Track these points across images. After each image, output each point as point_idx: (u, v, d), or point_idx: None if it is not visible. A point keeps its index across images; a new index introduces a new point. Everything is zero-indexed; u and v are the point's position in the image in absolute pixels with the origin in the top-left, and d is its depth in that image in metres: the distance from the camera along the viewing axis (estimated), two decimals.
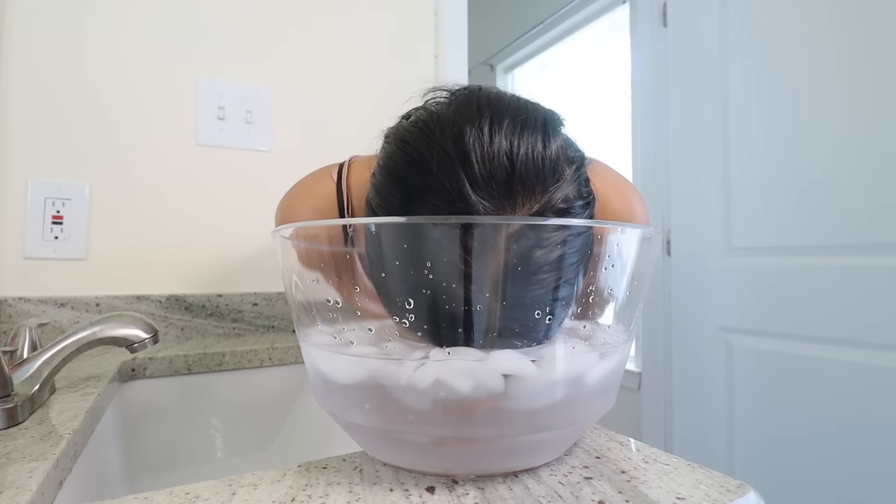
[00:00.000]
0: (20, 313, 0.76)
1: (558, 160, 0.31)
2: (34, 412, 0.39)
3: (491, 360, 0.26)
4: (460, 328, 0.27)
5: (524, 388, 0.26)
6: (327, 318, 0.29)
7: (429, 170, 0.29)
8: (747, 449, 1.21)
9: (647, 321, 1.50)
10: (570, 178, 0.31)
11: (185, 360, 0.67)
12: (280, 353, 0.73)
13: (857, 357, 1.01)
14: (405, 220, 0.26)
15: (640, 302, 0.31)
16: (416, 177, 0.30)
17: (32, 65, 0.80)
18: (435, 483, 0.28)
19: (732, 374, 1.24)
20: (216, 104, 0.91)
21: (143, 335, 0.46)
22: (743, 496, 0.26)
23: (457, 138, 0.29)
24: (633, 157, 1.73)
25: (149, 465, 0.62)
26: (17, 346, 0.50)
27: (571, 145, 0.35)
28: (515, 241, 0.26)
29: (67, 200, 0.81)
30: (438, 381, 0.26)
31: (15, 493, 0.25)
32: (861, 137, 1.02)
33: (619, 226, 0.28)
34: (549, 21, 2.14)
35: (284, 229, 0.30)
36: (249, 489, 0.27)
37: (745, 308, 1.22)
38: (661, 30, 1.47)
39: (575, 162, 0.33)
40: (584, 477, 0.29)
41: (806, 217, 1.10)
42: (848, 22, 1.04)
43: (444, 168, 0.29)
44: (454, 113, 0.31)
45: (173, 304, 0.85)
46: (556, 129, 0.33)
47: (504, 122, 0.30)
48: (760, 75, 1.20)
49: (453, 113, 0.31)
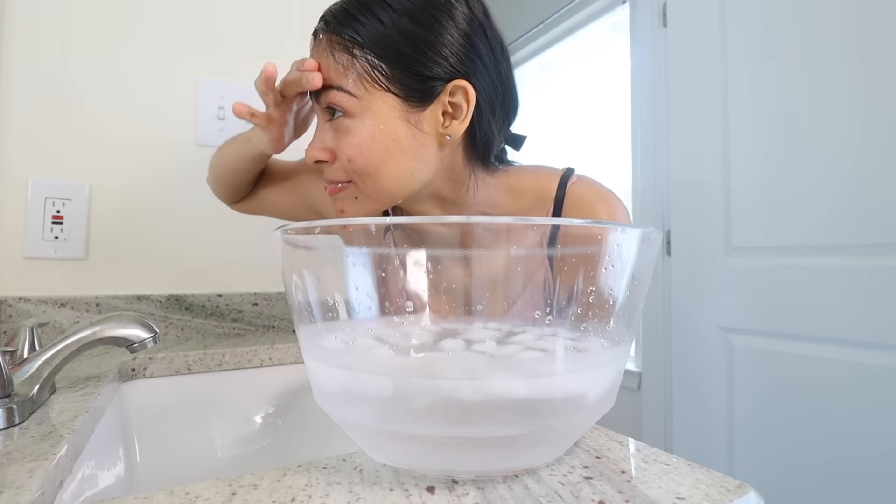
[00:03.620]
0: (20, 313, 0.76)
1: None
2: (34, 412, 0.39)
3: (495, 362, 0.26)
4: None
5: (525, 390, 0.27)
6: (327, 318, 0.29)
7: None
8: (747, 449, 1.21)
9: (647, 321, 1.50)
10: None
11: (185, 360, 0.67)
12: (280, 353, 0.73)
13: (857, 357, 1.01)
14: (405, 220, 0.26)
15: (640, 302, 0.31)
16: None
17: (33, 64, 0.80)
18: (435, 483, 0.28)
19: (732, 374, 1.24)
20: (216, 104, 0.91)
21: (143, 335, 0.46)
22: (743, 496, 0.26)
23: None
24: (633, 157, 1.72)
25: (149, 464, 0.62)
26: (17, 346, 0.51)
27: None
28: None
29: (67, 200, 0.81)
30: (438, 382, 0.26)
31: (15, 493, 0.25)
32: (861, 137, 1.02)
33: (619, 226, 0.28)
34: (549, 21, 2.14)
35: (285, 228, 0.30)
36: (249, 489, 0.27)
37: (745, 308, 1.22)
38: (661, 30, 1.47)
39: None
40: (584, 477, 0.29)
41: (806, 217, 1.10)
42: (848, 21, 1.04)
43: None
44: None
45: (173, 304, 0.85)
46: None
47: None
48: (760, 75, 1.20)
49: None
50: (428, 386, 0.26)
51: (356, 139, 0.47)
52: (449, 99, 0.47)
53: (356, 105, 0.46)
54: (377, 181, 0.48)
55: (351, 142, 0.47)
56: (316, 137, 0.50)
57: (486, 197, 0.54)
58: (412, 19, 0.45)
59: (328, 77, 0.47)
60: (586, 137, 2.10)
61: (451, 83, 0.46)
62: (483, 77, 0.48)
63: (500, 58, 0.50)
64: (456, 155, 0.51)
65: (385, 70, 0.45)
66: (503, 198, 0.55)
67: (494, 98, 0.50)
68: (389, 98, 0.46)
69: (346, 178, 0.50)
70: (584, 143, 2.10)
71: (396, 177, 0.48)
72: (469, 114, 0.48)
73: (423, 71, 0.46)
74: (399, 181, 0.49)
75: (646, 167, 1.53)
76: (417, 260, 0.26)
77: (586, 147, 2.09)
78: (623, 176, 1.76)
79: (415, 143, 0.47)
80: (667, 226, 1.43)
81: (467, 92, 0.47)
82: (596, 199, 0.54)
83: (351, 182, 0.50)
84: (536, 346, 0.29)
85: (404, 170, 0.48)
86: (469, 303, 0.26)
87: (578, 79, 2.14)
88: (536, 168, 0.58)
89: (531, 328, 0.30)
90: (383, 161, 0.47)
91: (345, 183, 0.50)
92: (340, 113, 0.48)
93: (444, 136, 0.48)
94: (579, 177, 0.55)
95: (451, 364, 0.28)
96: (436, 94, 0.47)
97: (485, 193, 0.54)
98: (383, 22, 0.45)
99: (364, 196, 0.50)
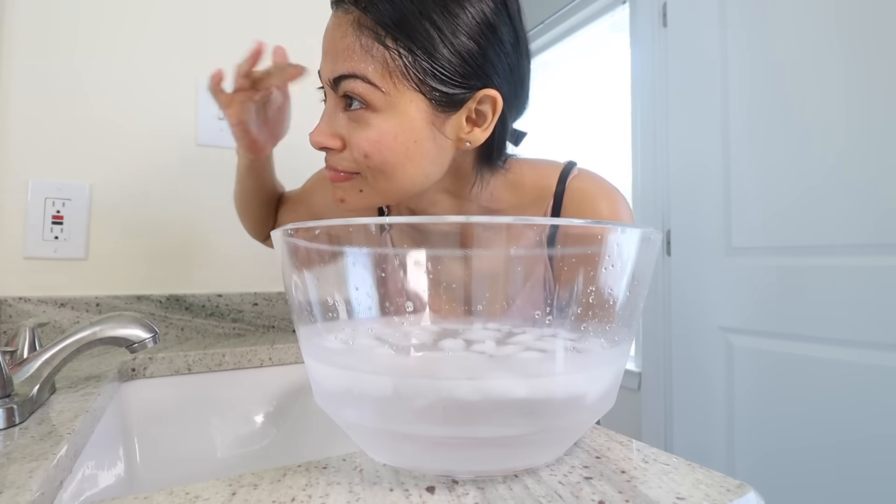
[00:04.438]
0: (20, 313, 0.76)
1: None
2: (34, 412, 0.39)
3: (494, 362, 0.26)
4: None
5: (525, 390, 0.27)
6: (327, 318, 0.29)
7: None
8: (747, 449, 1.21)
9: (647, 321, 1.50)
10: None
11: (185, 360, 0.67)
12: (280, 353, 0.73)
13: (857, 357, 1.01)
14: (405, 220, 0.26)
15: (640, 302, 0.31)
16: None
17: (32, 64, 0.80)
18: (435, 483, 0.28)
19: (732, 374, 1.24)
20: (216, 104, 0.91)
21: (143, 335, 0.46)
22: (743, 496, 0.26)
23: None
24: (633, 157, 1.72)
25: (149, 464, 0.62)
26: (17, 346, 0.50)
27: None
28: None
29: (67, 200, 0.81)
30: (438, 382, 0.26)
31: (15, 493, 0.25)
32: (861, 137, 1.02)
33: (619, 226, 0.28)
34: (549, 21, 2.14)
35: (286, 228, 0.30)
36: (249, 489, 0.27)
37: (745, 308, 1.22)
38: (661, 30, 1.47)
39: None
40: (584, 477, 0.29)
41: (806, 217, 1.10)
42: (848, 21, 1.04)
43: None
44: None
45: (173, 304, 0.85)
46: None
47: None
48: (760, 75, 1.20)
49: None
50: (428, 386, 0.26)
51: (377, 136, 0.44)
52: (476, 106, 0.45)
53: (381, 100, 0.43)
54: (390, 180, 0.46)
55: (370, 137, 0.44)
56: (324, 122, 0.47)
57: (488, 192, 0.54)
58: (462, 24, 0.42)
59: (350, 63, 0.43)
60: (586, 138, 2.10)
61: (481, 91, 0.45)
62: (509, 84, 0.47)
63: (525, 60, 0.49)
64: (467, 157, 0.50)
65: (420, 70, 0.42)
66: (503, 192, 0.55)
67: (514, 102, 0.48)
68: (418, 98, 0.43)
69: (353, 170, 0.47)
70: (584, 143, 2.10)
71: (411, 178, 0.46)
72: (493, 123, 0.46)
73: (459, 80, 0.43)
74: (412, 182, 0.47)
75: (646, 167, 1.53)
76: (417, 260, 0.26)
77: (586, 147, 2.09)
78: (623, 176, 1.76)
79: (435, 147, 0.46)
80: (667, 226, 1.43)
81: (496, 102, 0.45)
82: (597, 194, 0.53)
83: (358, 174, 0.47)
84: (536, 346, 0.29)
85: (420, 171, 0.46)
86: (469, 303, 0.26)
87: (578, 79, 2.15)
88: (537, 161, 0.57)
89: (531, 328, 0.30)
90: (402, 162, 0.45)
91: (350, 174, 0.48)
92: (360, 104, 0.44)
93: (465, 142, 0.47)
94: (580, 171, 0.55)
95: (451, 364, 0.28)
96: (465, 101, 0.45)
97: (487, 188, 0.54)
98: (434, 21, 0.41)
99: (370, 190, 0.48)
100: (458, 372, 0.27)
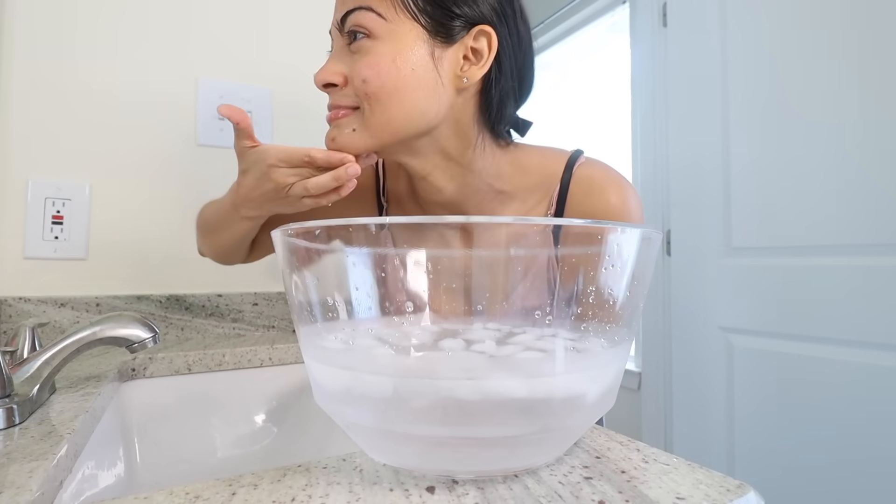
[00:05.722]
0: (20, 313, 0.76)
1: None
2: (34, 412, 0.39)
3: (494, 362, 0.26)
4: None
5: (525, 390, 0.27)
6: (327, 318, 0.29)
7: None
8: (747, 449, 1.21)
9: (647, 321, 1.50)
10: None
11: (185, 360, 0.67)
12: (280, 353, 0.73)
13: (857, 357, 1.01)
14: (405, 220, 0.26)
15: (641, 302, 0.31)
16: None
17: (33, 64, 0.80)
18: (435, 483, 0.28)
19: (732, 374, 1.24)
20: (216, 104, 0.91)
21: (143, 335, 0.46)
22: (743, 496, 0.26)
23: None
24: (633, 157, 1.73)
25: (149, 464, 0.62)
26: (17, 346, 0.50)
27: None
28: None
29: (67, 200, 0.81)
30: (438, 382, 0.26)
31: (15, 493, 0.25)
32: (861, 137, 1.02)
33: (619, 226, 0.28)
34: (549, 21, 2.14)
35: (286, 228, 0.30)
36: (249, 489, 0.27)
37: (745, 308, 1.22)
38: (661, 30, 1.47)
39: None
40: (584, 477, 0.29)
41: (806, 217, 1.10)
42: (848, 21, 1.04)
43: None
44: None
45: (173, 304, 0.85)
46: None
47: None
48: (760, 75, 1.20)
49: None
50: (428, 386, 0.26)
51: (375, 59, 0.46)
52: (472, 44, 0.48)
53: (382, 27, 0.46)
54: (386, 109, 0.47)
55: (370, 62, 0.46)
56: (329, 62, 0.49)
57: (493, 167, 0.54)
58: None
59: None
60: (586, 138, 2.10)
61: (477, 27, 0.47)
62: (507, 34, 0.49)
63: (524, 31, 0.52)
64: (467, 108, 0.51)
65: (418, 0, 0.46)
66: (509, 172, 0.55)
67: (514, 62, 0.51)
68: (417, 28, 0.46)
69: (353, 104, 0.48)
70: (584, 143, 2.10)
71: (406, 109, 0.47)
72: (489, 61, 0.48)
73: (455, 8, 0.47)
74: (407, 115, 0.47)
75: (646, 167, 1.53)
76: (417, 260, 0.26)
77: (586, 148, 2.09)
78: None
79: (431, 79, 0.47)
80: (667, 226, 1.43)
81: (491, 39, 0.48)
82: (605, 182, 0.53)
83: (357, 109, 0.48)
84: (536, 346, 0.29)
85: (415, 104, 0.47)
86: (469, 302, 0.26)
87: (578, 79, 2.15)
88: (545, 148, 0.57)
89: (531, 328, 0.30)
90: (398, 88, 0.46)
91: (349, 109, 0.49)
92: (363, 35, 0.47)
93: (461, 79, 0.48)
94: (587, 158, 0.55)
95: (451, 364, 0.28)
96: (462, 34, 0.47)
97: (491, 162, 0.53)
98: None
99: (364, 128, 0.48)
100: (457, 372, 0.27)
